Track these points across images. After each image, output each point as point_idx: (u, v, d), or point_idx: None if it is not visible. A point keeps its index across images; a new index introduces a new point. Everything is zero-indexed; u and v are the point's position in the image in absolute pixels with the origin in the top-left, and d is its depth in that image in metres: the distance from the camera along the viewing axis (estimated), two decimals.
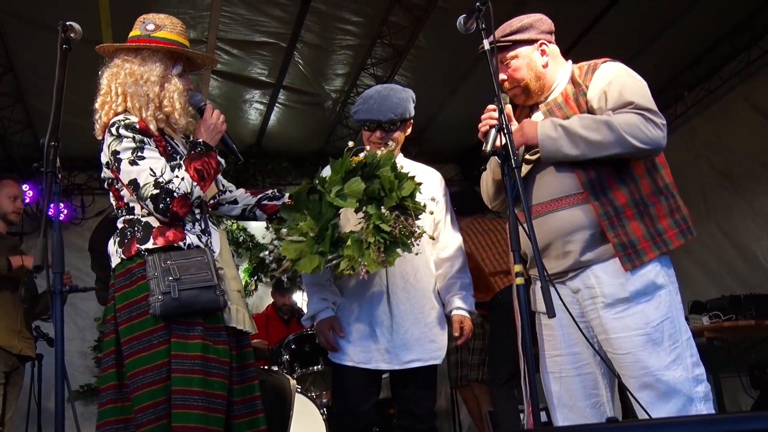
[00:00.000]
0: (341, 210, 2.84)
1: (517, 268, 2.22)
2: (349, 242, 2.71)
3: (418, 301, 3.19)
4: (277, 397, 4.72)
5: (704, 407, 2.46)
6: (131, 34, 2.73)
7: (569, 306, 2.55)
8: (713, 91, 6.66)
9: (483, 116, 2.62)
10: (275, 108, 6.81)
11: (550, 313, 2.13)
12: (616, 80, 2.58)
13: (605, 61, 2.70)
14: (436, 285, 3.29)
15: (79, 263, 6.21)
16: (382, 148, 3.14)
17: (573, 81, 2.71)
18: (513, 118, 2.76)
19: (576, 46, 5.85)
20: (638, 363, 2.46)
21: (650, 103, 2.55)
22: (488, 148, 2.47)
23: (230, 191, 3.01)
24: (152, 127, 2.62)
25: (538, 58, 2.76)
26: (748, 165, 6.33)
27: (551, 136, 2.53)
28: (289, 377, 5.06)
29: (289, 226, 2.82)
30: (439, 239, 3.33)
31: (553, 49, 2.80)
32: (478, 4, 2.49)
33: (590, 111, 2.62)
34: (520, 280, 2.21)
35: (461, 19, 2.58)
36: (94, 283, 4.57)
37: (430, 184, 3.32)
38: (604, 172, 2.57)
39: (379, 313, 3.13)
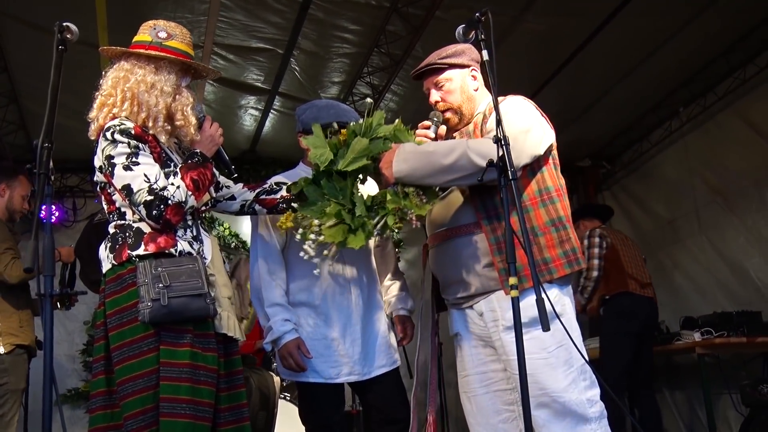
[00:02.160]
0: None
1: (512, 280, 2.21)
2: (388, 196, 2.66)
3: (374, 308, 3.22)
4: (261, 395, 4.70)
5: (598, 426, 2.59)
6: (139, 38, 2.69)
7: (476, 327, 2.74)
8: (708, 108, 6.68)
9: (418, 133, 2.78)
10: (270, 114, 6.80)
11: (545, 326, 2.13)
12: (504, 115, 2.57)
13: (507, 97, 2.77)
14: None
15: None
16: None
17: (487, 111, 2.80)
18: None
19: (575, 59, 5.87)
20: (536, 384, 2.53)
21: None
22: None
23: (227, 187, 3.00)
24: (163, 138, 2.62)
25: (470, 83, 2.89)
26: (741, 182, 6.34)
27: (402, 159, 2.63)
28: (273, 374, 5.02)
29: (319, 217, 2.73)
30: (377, 243, 3.35)
31: (481, 78, 2.91)
32: (477, 15, 2.50)
33: None
34: (515, 293, 2.20)
35: (460, 29, 2.60)
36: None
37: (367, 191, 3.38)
38: (498, 200, 2.58)
39: (344, 326, 3.12)
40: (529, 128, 2.61)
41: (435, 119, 2.84)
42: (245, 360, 5.31)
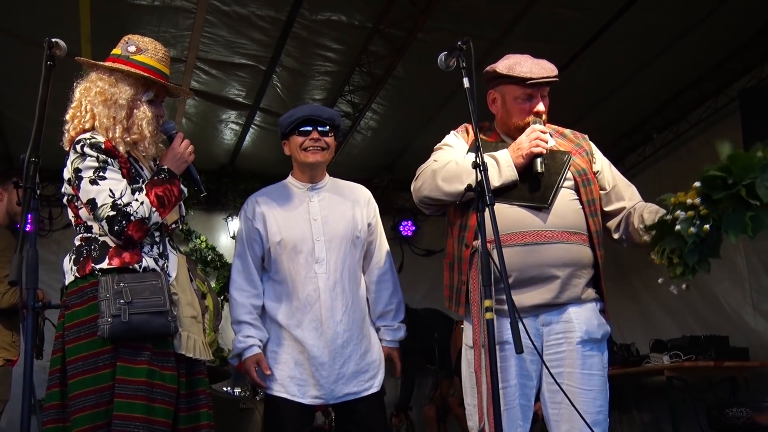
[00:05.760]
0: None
1: (488, 303, 2.26)
2: None
3: (354, 332, 3.16)
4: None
5: None
6: (112, 51, 2.73)
7: (532, 339, 2.60)
8: (681, 135, 6.82)
9: (541, 137, 2.71)
10: (251, 129, 6.82)
11: (518, 349, 2.18)
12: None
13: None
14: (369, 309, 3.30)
15: (44, 276, 6.09)
16: (317, 157, 3.16)
17: None
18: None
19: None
20: (596, 401, 2.62)
21: None
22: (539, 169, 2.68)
23: None
24: (121, 149, 2.60)
25: None
26: None
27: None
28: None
29: None
30: (371, 260, 3.32)
31: None
32: (459, 43, 2.54)
33: None
34: (490, 315, 2.25)
35: (442, 56, 2.64)
36: None
37: (363, 204, 3.31)
38: (603, 228, 2.84)
39: (314, 346, 3.09)
40: None
41: (540, 124, 2.78)
42: (224, 376, 5.33)
